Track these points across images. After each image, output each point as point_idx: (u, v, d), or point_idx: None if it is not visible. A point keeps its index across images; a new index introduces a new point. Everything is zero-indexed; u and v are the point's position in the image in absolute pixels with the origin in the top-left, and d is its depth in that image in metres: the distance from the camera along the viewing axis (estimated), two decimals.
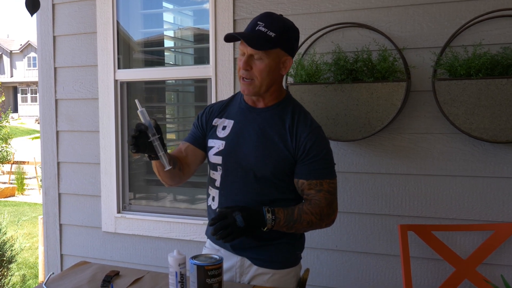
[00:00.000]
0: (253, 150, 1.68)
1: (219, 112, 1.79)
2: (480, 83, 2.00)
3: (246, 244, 1.70)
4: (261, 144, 1.67)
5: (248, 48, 1.61)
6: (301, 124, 1.68)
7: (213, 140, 1.75)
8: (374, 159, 2.34)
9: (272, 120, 1.70)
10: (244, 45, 1.62)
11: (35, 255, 6.70)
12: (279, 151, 1.66)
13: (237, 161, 1.69)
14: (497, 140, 2.03)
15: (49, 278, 1.71)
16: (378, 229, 2.36)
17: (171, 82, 3.07)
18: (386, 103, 2.14)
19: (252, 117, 1.73)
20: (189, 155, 1.79)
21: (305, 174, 1.66)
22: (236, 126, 1.73)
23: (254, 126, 1.71)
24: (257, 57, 1.62)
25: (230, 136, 1.72)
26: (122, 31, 2.93)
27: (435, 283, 2.27)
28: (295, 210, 1.62)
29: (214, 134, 1.76)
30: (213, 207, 1.76)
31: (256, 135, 1.69)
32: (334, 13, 2.35)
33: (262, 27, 1.60)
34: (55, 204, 3.07)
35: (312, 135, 1.66)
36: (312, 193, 1.65)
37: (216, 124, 1.77)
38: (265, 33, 1.59)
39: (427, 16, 2.21)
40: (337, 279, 2.44)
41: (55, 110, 3.03)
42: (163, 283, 1.66)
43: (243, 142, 1.70)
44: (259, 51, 1.60)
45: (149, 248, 2.85)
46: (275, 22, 1.62)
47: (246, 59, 1.63)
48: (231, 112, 1.78)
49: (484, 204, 2.19)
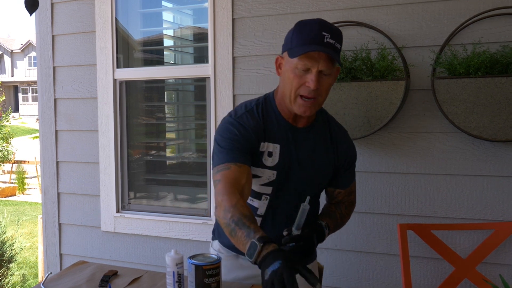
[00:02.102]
0: (306, 175, 1.60)
1: (263, 133, 1.55)
2: (479, 82, 1.99)
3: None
4: (313, 167, 1.61)
5: (321, 63, 1.42)
6: (339, 137, 1.67)
7: (260, 169, 1.55)
8: (373, 158, 2.33)
9: (316, 139, 1.62)
10: (313, 60, 1.43)
11: (36, 255, 6.71)
12: (327, 169, 1.66)
13: (289, 189, 1.60)
14: (496, 138, 2.02)
15: (48, 277, 1.71)
16: (378, 228, 2.35)
17: (171, 81, 3.06)
18: (385, 102, 2.14)
19: (298, 139, 1.58)
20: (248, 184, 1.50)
21: (344, 184, 1.72)
22: (284, 152, 1.56)
23: (302, 149, 1.59)
24: (327, 73, 1.46)
25: (280, 165, 1.56)
26: (121, 30, 2.92)
27: (435, 282, 2.27)
28: (337, 217, 1.68)
29: (260, 162, 1.55)
30: None
31: (307, 158, 1.60)
32: (333, 12, 2.35)
33: (330, 39, 1.43)
34: (54, 204, 3.07)
35: (350, 145, 1.71)
36: (346, 198, 1.74)
37: (262, 150, 1.55)
38: (334, 45, 1.44)
39: (426, 15, 2.21)
40: (337, 279, 2.43)
41: (54, 110, 3.03)
42: (161, 282, 1.65)
43: (295, 169, 1.58)
44: (330, 67, 1.45)
45: (148, 247, 2.84)
46: (335, 31, 1.47)
47: (318, 76, 1.44)
48: (272, 134, 1.56)
49: (483, 203, 2.19)
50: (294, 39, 1.48)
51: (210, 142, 2.64)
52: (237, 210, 1.37)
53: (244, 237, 1.31)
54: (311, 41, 1.43)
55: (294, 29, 1.50)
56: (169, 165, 3.11)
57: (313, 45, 1.42)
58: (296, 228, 1.52)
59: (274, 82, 2.45)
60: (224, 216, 1.40)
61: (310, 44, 1.43)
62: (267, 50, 2.48)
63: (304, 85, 1.46)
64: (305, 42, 1.44)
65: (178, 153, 3.15)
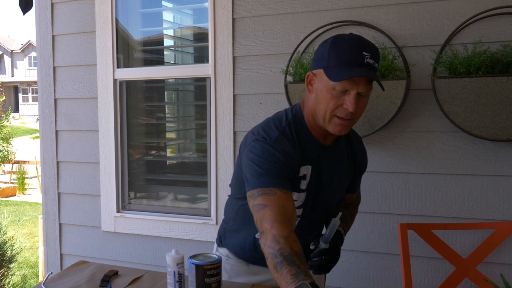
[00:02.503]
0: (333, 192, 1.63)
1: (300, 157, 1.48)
2: (480, 81, 1.99)
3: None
4: (339, 183, 1.64)
5: (361, 86, 1.35)
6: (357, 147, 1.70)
7: (296, 193, 1.50)
8: (373, 158, 2.33)
9: (341, 155, 1.61)
10: (353, 83, 1.35)
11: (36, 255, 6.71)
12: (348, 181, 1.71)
13: (317, 209, 1.59)
14: (497, 138, 2.02)
15: (48, 277, 1.71)
16: (378, 228, 2.35)
17: (171, 81, 3.06)
18: (385, 101, 2.14)
19: (327, 158, 1.55)
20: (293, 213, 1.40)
21: (355, 189, 1.79)
22: (315, 172, 1.51)
23: (331, 169, 1.56)
24: (365, 94, 1.39)
25: (311, 186, 1.52)
26: (121, 30, 2.92)
27: (435, 282, 2.27)
28: (348, 219, 1.71)
29: (298, 186, 1.50)
30: None
31: (333, 176, 1.58)
32: (334, 11, 2.34)
33: (370, 59, 1.36)
34: (54, 204, 3.07)
35: (364, 154, 1.75)
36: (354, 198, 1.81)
37: (302, 174, 1.50)
38: (373, 65, 1.37)
39: (426, 14, 2.20)
40: (337, 278, 2.43)
41: (54, 110, 3.02)
42: (162, 282, 1.65)
43: (325, 189, 1.56)
44: (369, 88, 1.39)
45: (148, 247, 2.84)
46: (374, 49, 1.39)
47: (357, 98, 1.37)
48: (306, 155, 1.49)
49: (484, 203, 2.19)
50: (332, 57, 1.38)
51: (210, 142, 2.64)
52: (288, 244, 1.27)
53: (291, 276, 1.20)
54: (352, 63, 1.35)
55: (331, 46, 1.40)
56: (170, 165, 3.11)
57: (355, 67, 1.34)
58: (324, 242, 1.52)
59: (275, 82, 2.45)
60: (272, 246, 1.28)
61: (351, 66, 1.35)
62: (267, 50, 2.48)
63: (341, 107, 1.39)
64: (345, 63, 1.36)
65: (179, 153, 3.15)
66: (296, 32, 2.41)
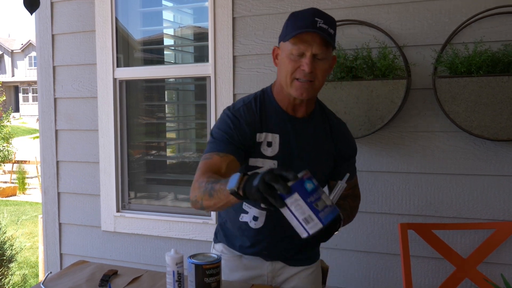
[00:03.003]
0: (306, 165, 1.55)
1: (259, 124, 1.56)
2: (481, 81, 1.98)
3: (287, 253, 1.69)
4: (314, 158, 1.61)
5: (314, 47, 1.44)
6: (339, 128, 1.68)
7: (259, 159, 1.55)
8: (374, 157, 2.32)
9: (316, 129, 1.63)
10: (307, 44, 1.44)
11: (36, 255, 6.70)
12: (329, 160, 1.65)
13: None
14: (498, 138, 2.01)
15: (47, 277, 1.70)
16: (378, 228, 2.35)
17: (171, 80, 3.06)
18: (386, 101, 2.13)
19: (298, 129, 1.59)
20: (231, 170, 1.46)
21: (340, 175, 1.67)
22: (284, 141, 1.56)
23: (303, 139, 1.59)
24: (322, 57, 1.47)
25: (280, 154, 1.55)
26: (121, 30, 2.91)
27: (436, 282, 2.26)
28: (348, 209, 1.65)
29: (259, 152, 1.55)
30: (253, 225, 1.63)
31: (307, 148, 1.60)
32: (334, 10, 2.34)
33: (323, 24, 1.44)
34: (54, 203, 3.06)
35: (349, 137, 1.72)
36: (350, 191, 1.70)
37: (260, 141, 1.55)
38: (327, 30, 1.45)
39: (427, 13, 2.20)
40: (337, 278, 2.43)
41: (54, 109, 3.02)
42: (162, 282, 1.64)
43: (297, 158, 1.58)
44: (324, 50, 1.46)
45: (148, 247, 2.84)
46: (329, 18, 1.49)
47: (311, 59, 1.45)
48: (271, 123, 1.57)
49: (485, 203, 2.18)
50: (289, 27, 1.51)
51: None
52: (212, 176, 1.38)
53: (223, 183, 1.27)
54: (304, 26, 1.45)
55: (288, 19, 1.53)
56: (170, 164, 3.11)
57: (306, 28, 1.45)
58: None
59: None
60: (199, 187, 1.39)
61: (303, 28, 1.45)
62: (267, 49, 2.47)
63: (299, 69, 1.48)
64: (298, 27, 1.46)
65: (179, 152, 3.14)
66: None
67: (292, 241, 1.62)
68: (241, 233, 1.67)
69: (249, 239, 1.65)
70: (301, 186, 1.12)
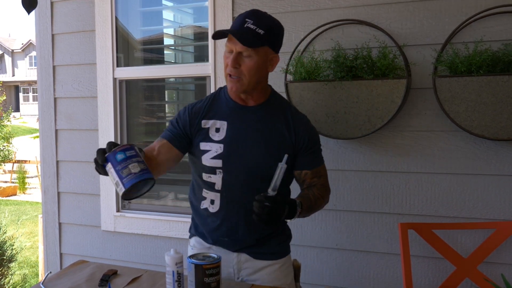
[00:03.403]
0: (256, 150, 1.66)
1: (206, 113, 1.71)
2: (481, 80, 1.98)
3: (248, 243, 1.73)
4: (263, 143, 1.67)
5: (238, 45, 1.58)
6: (296, 118, 1.73)
7: (207, 143, 1.68)
8: (374, 157, 2.32)
9: (267, 118, 1.71)
10: (232, 42, 1.60)
11: (36, 254, 6.71)
12: (280, 147, 1.68)
13: (240, 163, 1.67)
14: (498, 137, 2.01)
15: (47, 277, 1.70)
16: (379, 228, 2.34)
17: (171, 80, 3.06)
18: (386, 100, 2.13)
19: (246, 116, 1.70)
20: (162, 153, 1.69)
21: (309, 165, 1.73)
22: (232, 127, 1.68)
23: (251, 125, 1.69)
24: (246, 55, 1.60)
25: (227, 138, 1.67)
26: (121, 29, 2.91)
27: (436, 281, 2.26)
28: (311, 197, 1.68)
29: (207, 137, 1.69)
30: (211, 210, 1.72)
31: (256, 134, 1.68)
32: (334, 10, 2.34)
33: (251, 24, 1.58)
34: (54, 203, 3.06)
35: (308, 126, 1.75)
36: (315, 180, 1.74)
37: (206, 127, 1.69)
38: (255, 30, 1.58)
39: (427, 13, 2.19)
40: (338, 278, 2.42)
41: (54, 109, 3.02)
42: (161, 282, 1.64)
43: (244, 143, 1.67)
44: (249, 49, 1.58)
45: (148, 247, 2.84)
46: (263, 19, 1.62)
47: (235, 57, 1.60)
48: (220, 112, 1.71)
49: (485, 202, 2.18)
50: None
51: None
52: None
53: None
54: (233, 26, 1.62)
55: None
56: None
57: (229, 29, 1.62)
58: (272, 189, 1.51)
59: (275, 81, 2.44)
60: None
61: (232, 28, 1.61)
62: None
63: (228, 65, 1.62)
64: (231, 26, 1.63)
65: None
66: (297, 31, 2.41)
67: (248, 227, 1.69)
68: (204, 220, 1.76)
69: (210, 224, 1.74)
70: (113, 157, 1.36)
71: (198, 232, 1.82)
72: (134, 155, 1.36)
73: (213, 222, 1.73)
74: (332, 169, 2.37)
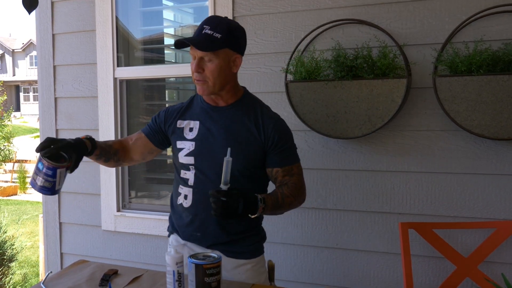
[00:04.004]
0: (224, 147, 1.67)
1: (181, 114, 1.83)
2: (481, 80, 1.98)
3: (220, 240, 1.77)
4: (231, 141, 1.71)
5: (198, 52, 1.66)
6: (265, 117, 1.77)
7: (182, 141, 1.79)
8: (374, 157, 2.32)
9: (237, 117, 1.76)
10: (194, 49, 1.67)
11: (37, 254, 6.71)
12: (249, 145, 1.73)
13: (210, 160, 1.73)
14: (498, 137, 2.01)
15: (48, 277, 1.70)
16: (379, 227, 2.35)
17: (171, 79, 3.06)
18: (386, 100, 2.13)
19: (217, 116, 1.77)
20: (137, 144, 1.90)
21: (279, 163, 1.76)
22: (203, 127, 1.77)
23: (221, 124, 1.76)
24: (207, 59, 1.67)
25: (199, 137, 1.77)
26: (122, 29, 2.91)
27: (436, 281, 2.26)
28: (278, 195, 1.71)
29: (182, 136, 1.80)
30: (185, 205, 1.79)
31: (225, 132, 1.74)
32: (334, 10, 2.34)
33: (208, 30, 1.66)
34: (54, 203, 3.06)
35: (277, 125, 1.78)
36: (286, 179, 1.77)
37: (181, 126, 1.81)
38: (211, 35, 1.65)
39: (427, 12, 2.20)
40: (338, 277, 2.42)
41: (54, 109, 3.02)
42: (162, 281, 1.64)
43: (213, 141, 1.74)
44: (208, 53, 1.66)
45: (149, 246, 2.84)
46: (220, 24, 1.68)
47: (197, 62, 1.68)
48: (194, 113, 1.82)
49: (485, 202, 2.18)
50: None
51: None
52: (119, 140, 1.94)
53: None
54: (194, 34, 1.71)
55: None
56: (170, 164, 3.10)
57: (188, 37, 1.71)
58: (223, 183, 1.54)
59: (275, 80, 2.45)
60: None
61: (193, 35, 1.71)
62: (268, 49, 2.47)
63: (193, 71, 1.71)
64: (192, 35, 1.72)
65: None
66: (297, 30, 2.41)
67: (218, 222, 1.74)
68: (179, 215, 1.83)
69: (184, 219, 1.80)
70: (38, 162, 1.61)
71: (174, 228, 1.88)
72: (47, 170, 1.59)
73: (186, 217, 1.79)
74: (333, 168, 2.37)
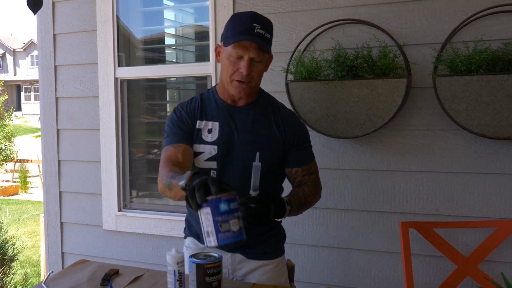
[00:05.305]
0: (248, 149, 1.67)
1: (199, 113, 1.72)
2: (481, 79, 1.98)
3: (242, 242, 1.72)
4: (256, 144, 1.68)
5: (251, 52, 1.58)
6: (284, 115, 1.75)
7: (201, 145, 1.69)
8: (375, 156, 2.32)
9: (258, 116, 1.72)
10: (244, 48, 1.58)
11: (38, 254, 6.72)
12: (271, 144, 1.70)
13: (234, 163, 1.68)
14: (498, 136, 2.01)
15: (49, 276, 1.71)
16: (379, 227, 2.35)
17: (172, 79, 3.06)
18: (386, 99, 2.13)
19: (237, 116, 1.71)
20: (188, 157, 1.67)
21: (299, 162, 1.75)
22: (224, 128, 1.69)
23: (242, 125, 1.70)
24: (258, 60, 1.61)
25: (220, 139, 1.68)
26: (122, 29, 2.92)
27: (437, 280, 2.26)
28: (300, 195, 1.69)
29: (201, 138, 1.69)
30: None
31: (247, 133, 1.69)
32: (334, 10, 2.34)
33: (260, 30, 1.58)
34: (56, 202, 3.07)
35: (297, 124, 1.77)
36: (306, 178, 1.75)
37: (200, 127, 1.71)
38: (264, 35, 1.59)
39: (427, 12, 2.20)
40: (338, 277, 2.43)
41: (55, 108, 3.03)
42: (163, 281, 1.65)
43: (237, 143, 1.68)
44: (261, 55, 1.60)
45: (150, 246, 2.84)
46: (266, 22, 1.62)
47: (249, 63, 1.59)
48: (211, 113, 1.72)
49: (486, 201, 2.18)
50: (229, 29, 1.63)
51: None
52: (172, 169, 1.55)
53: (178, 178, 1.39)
54: (243, 32, 1.58)
55: (229, 21, 1.65)
56: None
57: (245, 35, 1.57)
58: (253, 190, 1.54)
59: (275, 80, 2.45)
60: (161, 180, 1.58)
61: (242, 34, 1.58)
62: None
63: (238, 71, 1.61)
64: (237, 32, 1.59)
65: None
66: (297, 30, 2.41)
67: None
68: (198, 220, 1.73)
69: None
70: (216, 204, 1.23)
71: (192, 232, 1.85)
72: (237, 208, 1.26)
73: None
74: (333, 168, 2.38)
